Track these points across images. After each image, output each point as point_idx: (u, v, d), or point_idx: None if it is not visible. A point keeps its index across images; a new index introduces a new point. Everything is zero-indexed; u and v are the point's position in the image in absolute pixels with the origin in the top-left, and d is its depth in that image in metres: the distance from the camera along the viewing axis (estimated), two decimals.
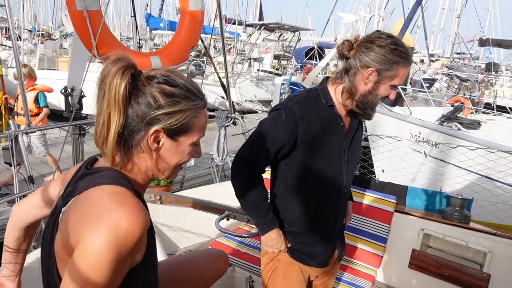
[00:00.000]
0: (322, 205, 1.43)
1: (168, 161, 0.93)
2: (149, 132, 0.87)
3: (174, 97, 0.88)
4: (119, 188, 0.85)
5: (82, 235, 0.77)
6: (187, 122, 0.91)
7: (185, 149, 0.94)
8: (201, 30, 3.01)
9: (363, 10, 25.23)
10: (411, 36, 9.23)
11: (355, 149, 1.47)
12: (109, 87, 0.84)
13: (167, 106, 0.87)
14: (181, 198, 1.91)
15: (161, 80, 0.89)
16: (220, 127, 3.38)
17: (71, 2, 2.29)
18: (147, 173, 0.94)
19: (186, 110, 0.90)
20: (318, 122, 1.33)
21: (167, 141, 0.91)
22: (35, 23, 32.70)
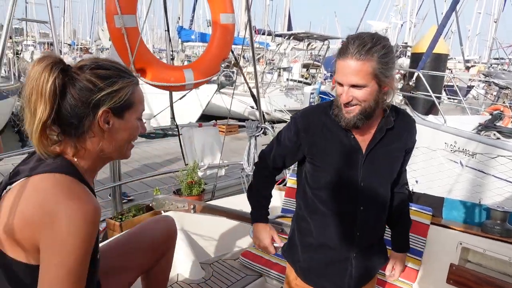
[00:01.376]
0: (332, 220, 1.33)
1: (119, 139, 1.01)
2: (98, 114, 0.95)
3: (110, 78, 0.97)
4: (66, 177, 0.91)
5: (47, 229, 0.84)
6: (128, 98, 0.99)
7: (133, 124, 1.03)
8: (232, 42, 3.07)
9: (394, 16, 24.80)
10: (444, 43, 8.97)
11: (381, 163, 1.32)
12: (37, 82, 0.90)
13: (107, 87, 0.95)
14: (215, 207, 1.94)
15: (93, 66, 0.97)
16: (251, 137, 3.41)
17: (110, 20, 2.41)
18: (101, 155, 1.01)
19: (124, 87, 0.99)
20: (323, 134, 1.30)
21: (115, 120, 0.99)
22: (75, 37, 34.49)
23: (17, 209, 0.88)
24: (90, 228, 0.87)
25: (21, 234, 0.88)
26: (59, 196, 0.87)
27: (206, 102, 9.78)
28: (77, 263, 0.87)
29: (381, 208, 1.39)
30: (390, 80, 1.20)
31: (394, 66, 1.20)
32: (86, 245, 0.87)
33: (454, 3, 7.11)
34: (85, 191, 0.91)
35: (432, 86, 6.94)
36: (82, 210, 0.86)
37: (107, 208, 4.22)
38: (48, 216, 0.85)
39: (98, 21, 26.82)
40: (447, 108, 10.71)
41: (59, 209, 0.85)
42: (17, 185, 0.92)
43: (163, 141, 8.01)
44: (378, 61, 1.14)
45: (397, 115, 1.33)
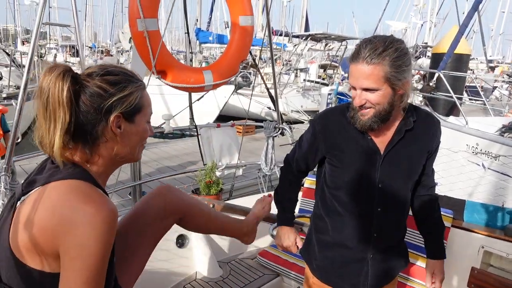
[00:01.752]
0: (349, 220, 1.34)
1: (132, 143, 1.03)
2: (110, 120, 0.96)
3: (120, 83, 0.99)
4: (83, 183, 0.93)
5: (66, 234, 0.86)
6: (138, 102, 1.01)
7: (143, 127, 1.05)
8: (250, 44, 3.10)
9: (414, 16, 24.36)
10: (466, 43, 8.77)
11: (400, 164, 1.30)
12: (52, 92, 0.91)
13: (118, 93, 0.97)
14: (234, 207, 1.96)
15: (101, 73, 0.98)
16: (268, 137, 3.43)
17: (133, 24, 2.47)
18: (114, 159, 1.03)
19: (134, 92, 1.01)
20: (340, 135, 1.32)
21: (127, 124, 1.01)
22: (95, 40, 35.28)
23: (34, 218, 0.88)
24: (109, 231, 0.88)
25: (40, 243, 0.88)
26: (75, 202, 0.88)
27: (223, 103, 9.85)
28: (98, 266, 0.88)
29: (400, 210, 1.37)
30: (404, 82, 1.19)
31: (408, 68, 1.19)
32: (106, 247, 0.89)
33: (476, 2, 6.95)
34: (100, 195, 0.92)
35: (454, 86, 6.79)
36: (99, 214, 0.87)
37: (127, 206, 4.32)
38: (66, 222, 0.86)
39: (118, 24, 27.40)
40: (469, 109, 10.45)
41: (77, 214, 0.86)
42: (33, 194, 0.93)
43: (181, 141, 8.12)
44: (390, 64, 1.15)
45: (419, 116, 1.31)
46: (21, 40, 25.56)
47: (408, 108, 1.30)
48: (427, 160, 1.35)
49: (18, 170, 3.49)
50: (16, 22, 30.26)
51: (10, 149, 2.00)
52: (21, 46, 22.68)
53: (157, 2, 2.60)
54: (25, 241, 0.90)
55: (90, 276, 0.88)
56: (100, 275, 0.90)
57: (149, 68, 2.59)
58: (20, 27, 29.83)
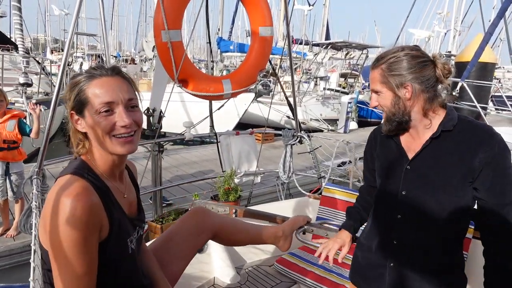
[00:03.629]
0: (376, 224, 1.42)
1: (97, 134, 1.06)
2: (69, 117, 1.09)
3: (68, 83, 1.10)
4: (72, 177, 1.02)
5: (49, 221, 0.97)
6: (79, 96, 1.06)
7: (97, 119, 1.05)
8: (269, 54, 3.15)
9: (437, 25, 23.94)
10: (491, 51, 8.57)
11: (428, 173, 1.23)
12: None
13: (66, 92, 1.09)
14: (256, 212, 1.99)
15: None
16: (286, 145, 3.46)
17: (157, 35, 2.57)
18: (100, 152, 1.10)
19: (73, 88, 1.07)
20: (382, 141, 1.40)
21: (81, 119, 1.07)
22: (120, 49, 36.28)
23: (42, 212, 1.02)
24: (79, 224, 0.95)
25: (41, 227, 1.02)
26: (60, 194, 0.98)
27: (243, 111, 9.93)
28: (73, 252, 0.96)
29: (424, 225, 1.26)
30: (405, 86, 1.21)
31: (409, 72, 1.20)
32: (78, 238, 0.95)
33: (502, 10, 6.81)
34: (83, 190, 0.99)
35: (478, 96, 6.64)
36: (72, 205, 0.95)
37: (148, 211, 4.42)
38: (48, 211, 0.97)
39: (142, 33, 28.12)
40: (495, 119, 10.17)
41: (57, 205, 0.96)
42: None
43: (201, 148, 8.23)
44: (385, 68, 1.23)
45: (463, 127, 1.22)
46: (50, 49, 26.59)
47: (448, 118, 1.23)
48: (477, 178, 1.18)
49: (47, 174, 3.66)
50: (46, 32, 31.54)
51: (42, 153, 2.10)
52: (50, 55, 23.58)
53: (181, 14, 2.69)
54: (41, 233, 1.03)
55: (70, 266, 0.97)
56: (82, 264, 0.98)
57: (172, 78, 2.67)
58: (50, 36, 31.06)
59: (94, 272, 1.02)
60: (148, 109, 3.13)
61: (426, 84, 1.20)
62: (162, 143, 3.14)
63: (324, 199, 2.65)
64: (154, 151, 3.11)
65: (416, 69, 1.20)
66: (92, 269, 1.01)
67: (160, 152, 3.11)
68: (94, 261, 1.01)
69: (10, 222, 3.89)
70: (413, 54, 1.21)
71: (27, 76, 7.19)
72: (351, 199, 2.54)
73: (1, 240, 3.70)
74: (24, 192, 2.43)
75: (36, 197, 1.79)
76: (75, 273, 0.98)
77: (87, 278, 1.00)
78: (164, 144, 3.22)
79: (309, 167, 5.25)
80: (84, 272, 0.99)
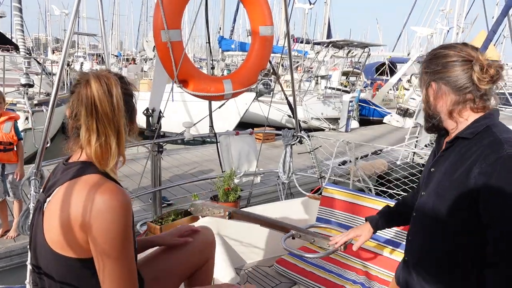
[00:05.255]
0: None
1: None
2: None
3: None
4: (93, 176, 1.03)
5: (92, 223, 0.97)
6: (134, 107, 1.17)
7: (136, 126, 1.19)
8: (270, 54, 3.13)
9: (440, 22, 23.83)
10: (494, 49, 8.52)
11: (441, 178, 1.19)
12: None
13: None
14: (249, 215, 1.99)
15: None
16: (286, 145, 3.44)
17: (157, 35, 2.56)
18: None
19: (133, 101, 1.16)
20: (437, 141, 1.39)
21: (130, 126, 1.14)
22: (121, 49, 36.33)
23: (62, 214, 1.00)
24: (126, 213, 1.00)
25: (72, 235, 0.99)
26: (93, 193, 0.98)
27: (244, 110, 9.93)
28: (125, 245, 1.00)
29: (430, 226, 1.22)
30: (430, 84, 1.21)
31: (434, 71, 1.19)
32: (127, 227, 1.00)
33: (506, 7, 6.76)
34: (112, 184, 1.03)
35: None
36: (115, 200, 0.98)
37: (148, 211, 4.42)
38: (89, 213, 0.97)
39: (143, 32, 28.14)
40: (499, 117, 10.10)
41: (96, 204, 0.97)
42: (56, 194, 1.04)
43: (202, 147, 8.24)
44: (425, 64, 1.24)
45: (482, 135, 1.13)
46: (51, 49, 26.65)
47: (474, 125, 1.15)
48: (477, 197, 1.07)
49: (46, 175, 3.66)
50: (47, 32, 31.62)
51: (40, 154, 2.10)
52: (51, 55, 23.63)
53: (180, 14, 2.68)
54: (61, 237, 1.01)
55: (122, 255, 1.00)
56: (129, 253, 1.02)
57: (172, 78, 2.66)
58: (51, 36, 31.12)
59: (135, 263, 1.08)
60: (148, 109, 3.11)
61: (454, 85, 1.15)
62: (161, 144, 3.13)
63: (324, 200, 2.64)
64: (154, 151, 3.10)
65: (442, 69, 1.17)
66: (134, 261, 1.08)
67: (159, 152, 3.09)
68: (133, 252, 1.07)
69: (9, 224, 3.90)
70: (444, 53, 1.18)
71: (28, 77, 7.19)
72: (350, 199, 2.53)
73: (1, 241, 3.70)
74: (23, 193, 2.42)
75: (34, 198, 1.79)
76: (129, 266, 1.02)
77: (135, 267, 1.06)
78: (163, 145, 3.21)
79: (310, 167, 5.23)
80: (134, 262, 1.06)
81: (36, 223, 1.08)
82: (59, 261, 1.03)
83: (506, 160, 1.02)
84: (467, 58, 1.14)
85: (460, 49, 1.16)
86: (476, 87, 1.13)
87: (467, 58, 1.14)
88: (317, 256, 2.14)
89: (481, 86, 1.12)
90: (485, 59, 1.13)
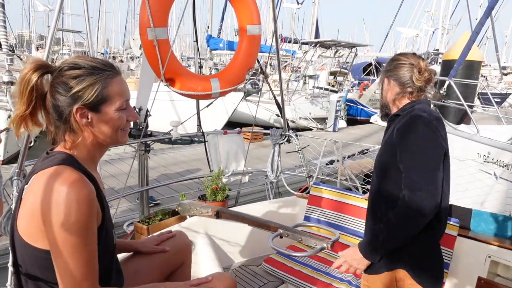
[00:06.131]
0: None
1: (104, 130, 1.10)
2: (72, 111, 1.04)
3: (80, 76, 1.05)
4: (61, 167, 1.01)
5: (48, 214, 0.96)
6: (100, 93, 1.06)
7: (112, 116, 1.09)
8: (257, 53, 3.12)
9: (425, 23, 24.21)
10: (478, 50, 8.69)
11: (378, 156, 1.60)
12: (20, 82, 1.04)
13: (76, 86, 1.04)
14: (236, 214, 1.98)
15: (66, 68, 1.05)
16: (274, 144, 3.44)
17: (143, 33, 2.52)
18: (96, 145, 1.11)
19: (93, 84, 1.05)
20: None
21: (94, 115, 1.07)
22: (107, 46, 35.83)
23: (28, 203, 1.01)
24: (84, 207, 0.97)
25: (32, 224, 0.99)
26: (54, 184, 0.97)
27: (232, 110, 9.91)
28: (85, 241, 0.97)
29: (372, 195, 1.60)
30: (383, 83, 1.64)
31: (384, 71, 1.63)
32: (83, 223, 0.97)
33: (489, 9, 6.89)
34: (76, 176, 1.01)
35: (465, 94, 6.72)
36: (74, 193, 0.96)
37: (135, 211, 4.36)
38: (46, 204, 0.96)
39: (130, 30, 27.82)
40: (482, 117, 10.32)
41: (54, 195, 0.96)
42: (31, 182, 1.05)
43: (189, 147, 8.18)
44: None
45: (409, 112, 1.50)
46: (35, 46, 26.10)
47: (402, 108, 1.57)
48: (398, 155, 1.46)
49: None
50: (30, 28, 30.95)
51: (23, 153, 2.05)
52: (35, 52, 23.14)
53: (167, 12, 2.65)
54: (27, 225, 1.01)
55: (77, 248, 0.97)
56: (89, 249, 1.00)
57: (158, 76, 2.63)
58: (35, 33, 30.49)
59: (96, 257, 1.03)
60: (135, 108, 3.07)
61: (399, 81, 1.55)
62: (148, 143, 3.10)
63: (312, 198, 2.65)
64: (141, 151, 3.06)
65: (393, 69, 1.57)
66: (96, 255, 1.03)
67: (146, 151, 3.06)
68: (96, 246, 1.03)
69: None
70: (398, 58, 1.58)
71: (11, 75, 7.02)
72: (337, 198, 2.54)
73: None
74: (5, 194, 2.36)
75: (17, 199, 1.74)
76: (86, 260, 0.99)
77: (94, 262, 1.02)
78: (150, 144, 3.18)
79: (298, 166, 5.25)
80: (93, 256, 1.01)
81: (15, 211, 1.07)
82: (27, 251, 1.02)
83: (412, 118, 1.45)
84: (412, 63, 1.53)
85: (409, 57, 1.55)
86: (414, 84, 1.53)
87: (412, 63, 1.53)
88: (305, 255, 2.14)
89: (417, 83, 1.52)
90: (424, 66, 1.52)
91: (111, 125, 1.10)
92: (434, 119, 1.44)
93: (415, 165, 1.38)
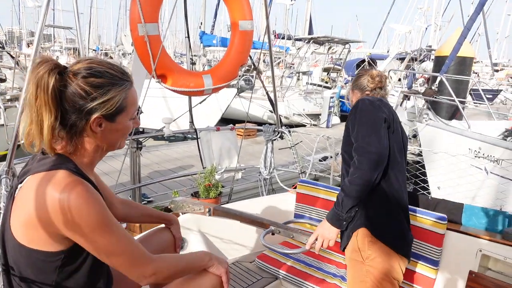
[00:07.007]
0: None
1: (113, 138, 1.09)
2: (90, 120, 1.01)
3: (103, 87, 1.01)
4: (59, 172, 0.98)
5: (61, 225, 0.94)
6: (120, 104, 1.04)
7: (124, 125, 1.09)
8: (250, 49, 3.11)
9: (418, 20, 24.30)
10: (470, 46, 8.74)
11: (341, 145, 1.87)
12: (39, 88, 0.95)
13: (100, 96, 1.00)
14: (229, 211, 1.97)
15: (86, 74, 1.00)
16: (267, 141, 3.44)
17: (134, 28, 2.50)
18: (98, 150, 1.09)
19: (116, 96, 1.03)
20: None
21: (108, 123, 1.05)
22: (99, 43, 35.47)
23: (27, 206, 0.96)
24: (96, 206, 0.97)
25: (38, 228, 0.96)
26: (55, 190, 0.94)
27: (225, 106, 9.88)
28: (110, 233, 0.98)
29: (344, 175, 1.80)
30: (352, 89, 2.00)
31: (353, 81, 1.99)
32: (102, 218, 0.97)
33: (480, 5, 6.93)
34: (76, 181, 0.98)
35: (457, 90, 6.77)
36: (80, 195, 0.94)
37: None
38: (55, 211, 0.93)
39: (122, 27, 27.56)
40: (473, 113, 10.41)
41: (64, 202, 0.93)
42: (26, 183, 1.00)
43: (182, 144, 8.14)
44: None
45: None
46: (26, 42, 25.77)
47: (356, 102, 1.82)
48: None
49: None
50: (21, 25, 30.54)
51: (12, 151, 2.02)
52: (26, 49, 22.83)
53: (157, 7, 2.62)
54: (25, 229, 0.97)
55: (118, 242, 1.00)
56: (123, 233, 1.02)
57: (149, 72, 2.61)
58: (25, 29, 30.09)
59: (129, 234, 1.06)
60: None
61: (359, 87, 1.94)
62: (140, 140, 3.08)
63: (300, 196, 2.64)
64: (133, 148, 3.04)
65: (356, 80, 1.97)
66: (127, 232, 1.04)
67: (138, 149, 3.04)
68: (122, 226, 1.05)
69: None
70: (360, 73, 1.97)
71: (0, 71, 6.94)
72: (324, 196, 2.52)
73: None
74: None
75: (5, 197, 1.72)
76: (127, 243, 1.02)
77: (132, 239, 1.05)
78: (143, 141, 3.16)
79: (291, 163, 5.25)
80: (128, 235, 1.04)
81: (6, 210, 1.04)
82: (22, 252, 1.00)
83: (358, 103, 1.76)
84: (360, 74, 1.96)
85: (367, 71, 1.94)
86: (368, 86, 1.90)
87: (360, 74, 1.96)
88: (296, 252, 2.14)
89: (370, 85, 1.90)
90: (376, 73, 1.91)
91: (120, 133, 1.10)
92: (377, 100, 1.75)
93: (360, 132, 1.65)
